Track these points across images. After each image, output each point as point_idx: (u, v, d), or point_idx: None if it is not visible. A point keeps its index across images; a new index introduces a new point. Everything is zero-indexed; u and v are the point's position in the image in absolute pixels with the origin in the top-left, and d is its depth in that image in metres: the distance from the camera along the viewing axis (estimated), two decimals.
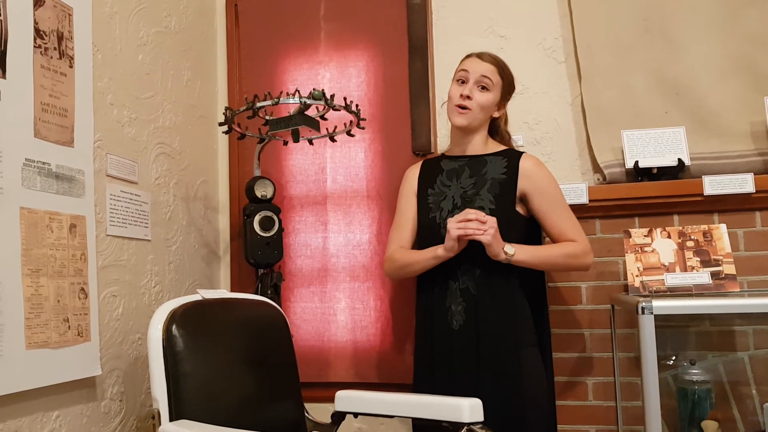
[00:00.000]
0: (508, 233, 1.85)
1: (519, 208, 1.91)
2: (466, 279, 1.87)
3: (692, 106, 2.21)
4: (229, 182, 2.58)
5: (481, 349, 1.83)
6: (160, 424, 1.49)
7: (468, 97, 1.91)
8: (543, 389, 1.87)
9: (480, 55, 1.97)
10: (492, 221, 1.77)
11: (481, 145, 2.00)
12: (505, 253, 1.80)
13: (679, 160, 2.12)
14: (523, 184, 1.90)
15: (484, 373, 1.82)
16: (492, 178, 1.92)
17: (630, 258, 1.94)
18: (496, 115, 2.00)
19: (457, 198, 1.94)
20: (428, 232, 1.96)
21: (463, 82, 1.94)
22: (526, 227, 1.93)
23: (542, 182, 1.91)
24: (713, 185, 2.06)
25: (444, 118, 2.20)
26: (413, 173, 2.09)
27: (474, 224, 1.76)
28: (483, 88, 1.93)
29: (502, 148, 2.01)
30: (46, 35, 1.63)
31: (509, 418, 1.76)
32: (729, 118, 2.17)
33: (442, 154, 2.10)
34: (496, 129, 2.06)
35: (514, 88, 2.02)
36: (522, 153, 1.97)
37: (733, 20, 2.21)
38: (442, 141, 2.39)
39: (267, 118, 2.07)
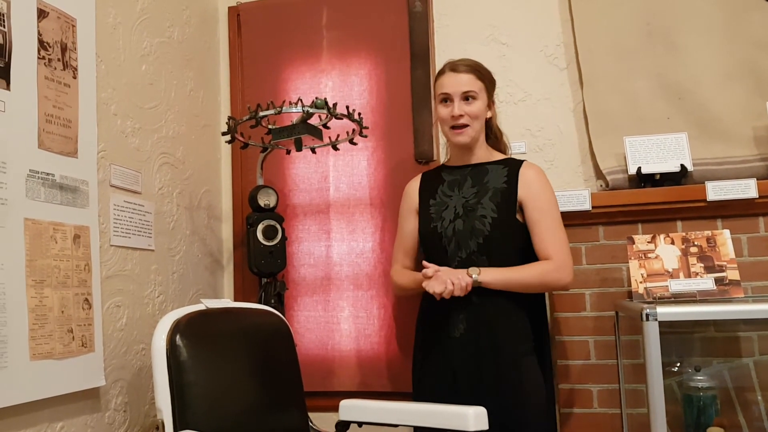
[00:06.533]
0: (509, 241, 1.89)
1: (519, 217, 1.92)
2: (473, 291, 1.85)
3: (695, 112, 2.21)
4: (232, 191, 2.58)
5: (481, 357, 1.84)
6: None
7: (461, 115, 1.92)
8: (543, 397, 1.87)
9: (454, 68, 1.95)
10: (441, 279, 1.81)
11: (483, 153, 2.01)
12: (470, 276, 1.81)
13: (682, 165, 2.12)
14: (522, 192, 1.91)
15: (484, 381, 1.82)
16: (494, 187, 1.93)
17: (634, 264, 1.94)
18: (489, 115, 2.00)
19: (459, 207, 1.94)
20: (431, 242, 1.98)
21: (447, 101, 1.95)
22: (527, 235, 1.92)
23: (537, 192, 1.91)
24: (716, 191, 2.05)
25: None
26: (413, 187, 2.10)
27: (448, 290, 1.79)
28: (469, 98, 1.93)
29: (502, 156, 2.02)
30: (50, 46, 1.63)
31: (510, 426, 1.75)
32: (732, 123, 2.17)
33: (443, 165, 2.11)
34: (489, 129, 2.05)
35: (494, 81, 2.03)
36: (523, 161, 1.98)
37: (736, 25, 2.21)
38: (445, 148, 2.39)
39: (270, 127, 2.07)
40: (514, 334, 1.86)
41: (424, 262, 1.87)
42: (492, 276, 1.82)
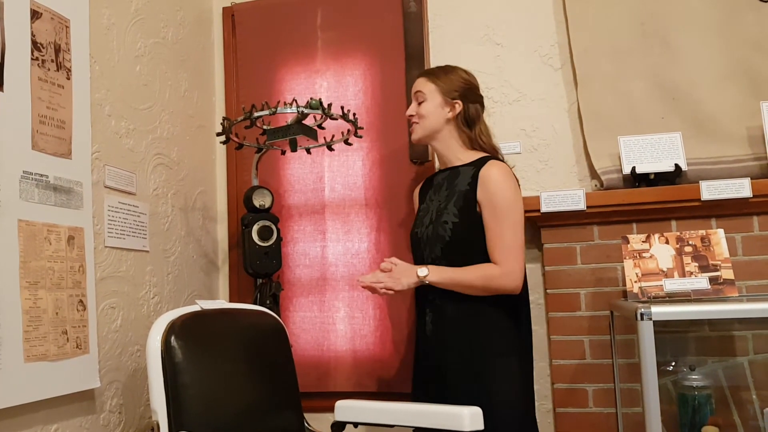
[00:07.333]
0: (472, 245, 1.88)
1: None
2: (432, 292, 1.90)
3: (689, 111, 2.21)
4: (227, 192, 2.58)
5: (446, 358, 1.87)
6: None
7: (411, 115, 2.01)
8: (512, 399, 1.83)
9: (417, 75, 2.06)
10: (386, 275, 1.86)
11: (454, 154, 1.99)
12: (418, 277, 1.84)
13: (676, 165, 2.13)
14: (479, 193, 1.88)
15: (449, 382, 1.85)
16: (459, 190, 1.92)
17: (628, 264, 1.94)
18: (449, 115, 1.97)
19: (433, 213, 1.97)
20: (414, 246, 2.03)
21: None
22: None
23: (492, 193, 1.85)
24: (710, 190, 2.06)
25: None
26: (416, 191, 2.17)
27: (379, 284, 1.85)
28: (421, 102, 2.00)
29: (478, 156, 1.97)
30: (44, 47, 1.63)
31: None
32: (726, 122, 2.18)
33: (439, 169, 2.12)
34: (468, 133, 2.00)
35: (459, 83, 1.99)
36: (489, 160, 1.92)
37: (731, 25, 2.21)
38: None
39: (264, 127, 2.07)
40: (478, 334, 1.86)
41: (385, 258, 1.92)
42: (439, 276, 1.84)
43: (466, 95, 1.99)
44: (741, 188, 2.04)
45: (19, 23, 1.56)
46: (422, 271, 1.84)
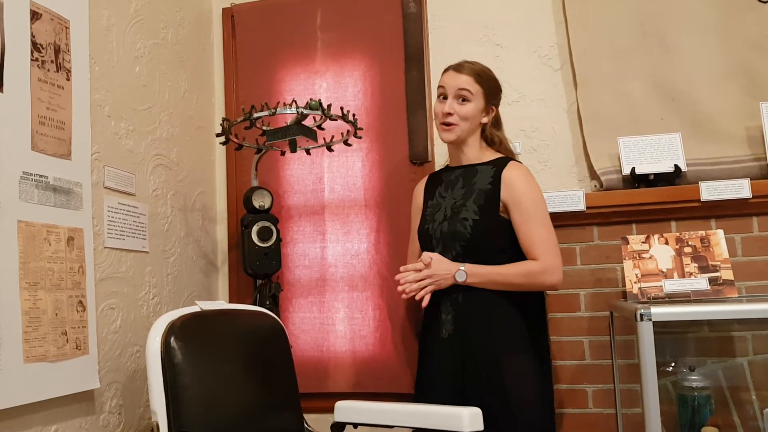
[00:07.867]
0: (492, 243, 1.89)
1: (505, 215, 1.90)
2: (456, 289, 1.88)
3: (688, 112, 2.21)
4: (226, 193, 2.58)
5: (466, 357, 1.86)
6: None
7: (450, 114, 1.93)
8: (531, 398, 1.84)
9: (456, 68, 1.97)
10: (426, 272, 1.85)
11: (474, 154, 2.00)
12: (456, 281, 1.84)
13: (676, 166, 2.13)
14: (504, 194, 1.89)
15: (468, 381, 1.84)
16: (479, 188, 1.93)
17: (628, 264, 1.94)
18: (484, 120, 1.99)
19: (448, 209, 1.96)
20: (424, 243, 2.00)
21: (444, 98, 1.96)
22: (512, 233, 1.90)
23: (519, 194, 1.88)
24: (710, 191, 2.06)
25: None
26: (419, 188, 2.14)
27: (414, 285, 1.86)
28: (463, 100, 1.94)
29: (496, 156, 2.00)
30: (44, 48, 1.63)
31: (499, 426, 1.74)
32: (725, 123, 2.18)
33: (446, 166, 2.12)
34: (488, 134, 2.03)
35: (498, 90, 2.02)
36: (509, 161, 1.95)
37: (730, 25, 2.21)
38: (440, 149, 2.39)
39: (264, 128, 2.07)
40: (501, 333, 1.86)
41: (424, 252, 1.90)
42: (477, 278, 1.84)
43: (500, 101, 2.03)
44: (740, 189, 2.04)
45: (19, 24, 1.56)
46: (460, 275, 1.84)
